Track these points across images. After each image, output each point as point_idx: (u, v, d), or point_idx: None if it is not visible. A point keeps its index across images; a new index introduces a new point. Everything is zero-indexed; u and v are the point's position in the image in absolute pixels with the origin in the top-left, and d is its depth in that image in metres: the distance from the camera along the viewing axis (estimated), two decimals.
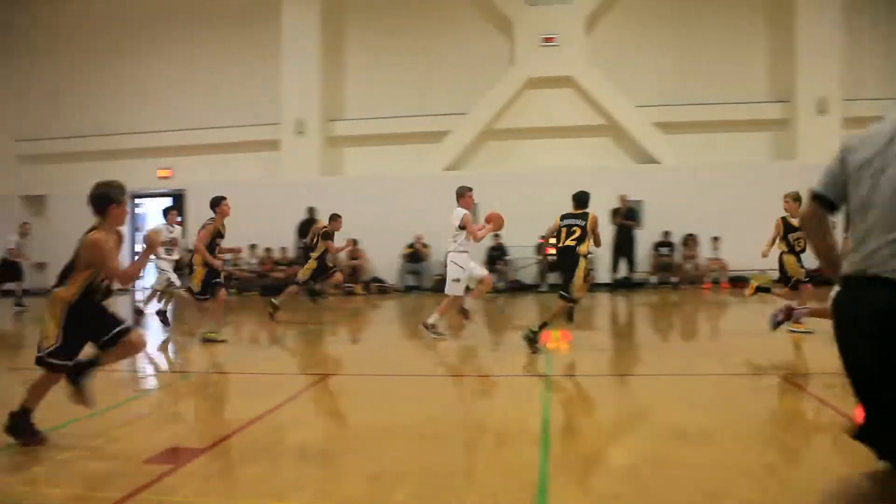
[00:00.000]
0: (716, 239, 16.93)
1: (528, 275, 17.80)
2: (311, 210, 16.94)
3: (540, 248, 17.41)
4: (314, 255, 12.26)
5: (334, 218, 12.56)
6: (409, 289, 17.80)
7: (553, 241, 9.26)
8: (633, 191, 16.74)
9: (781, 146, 18.16)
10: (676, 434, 5.20)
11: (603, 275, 16.81)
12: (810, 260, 12.06)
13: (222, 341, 9.76)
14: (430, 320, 9.55)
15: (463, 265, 9.55)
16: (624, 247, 16.69)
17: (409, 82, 19.04)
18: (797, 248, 9.85)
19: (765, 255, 10.21)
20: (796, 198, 9.74)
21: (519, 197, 17.25)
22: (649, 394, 6.70)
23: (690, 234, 17.15)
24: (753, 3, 18.45)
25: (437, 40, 19.08)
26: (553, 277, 17.06)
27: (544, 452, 4.70)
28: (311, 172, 18.90)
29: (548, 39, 18.23)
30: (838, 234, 3.80)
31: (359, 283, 17.44)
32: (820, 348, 9.06)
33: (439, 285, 12.45)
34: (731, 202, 16.67)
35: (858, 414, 3.22)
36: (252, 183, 18.81)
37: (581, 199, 9.27)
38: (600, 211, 15.95)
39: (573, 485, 4.17)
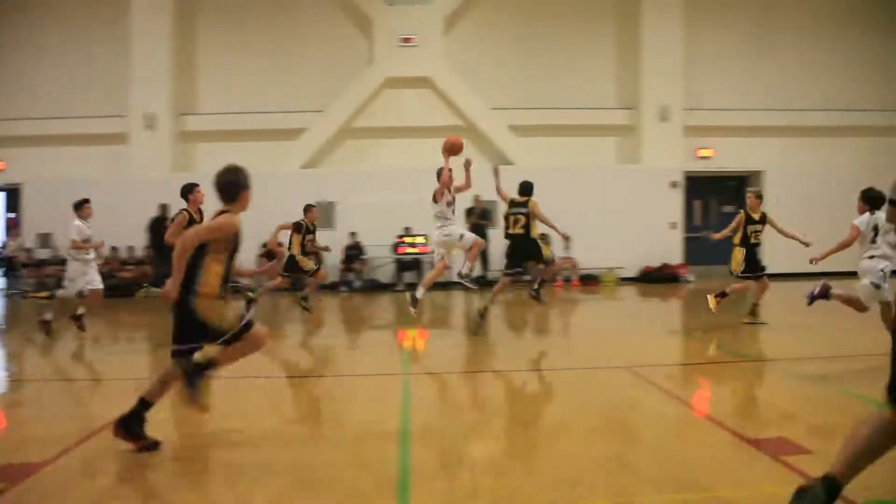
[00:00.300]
0: (567, 238, 17.52)
1: (385, 274, 17.81)
2: (162, 207, 16.17)
3: (395, 248, 17.48)
4: (294, 250, 11.77)
5: (308, 209, 12.00)
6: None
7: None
8: (489, 192, 17.06)
9: (627, 151, 19.10)
10: (532, 426, 5.36)
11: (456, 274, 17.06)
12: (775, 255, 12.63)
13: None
14: (418, 294, 9.55)
15: (451, 233, 9.67)
16: None
17: (266, 78, 18.60)
18: (752, 241, 10.61)
19: (719, 237, 10.96)
20: (759, 195, 10.76)
21: (376, 196, 17.25)
22: (505, 389, 6.85)
23: (543, 234, 17.68)
24: (604, 15, 19.29)
25: (295, 37, 18.75)
26: (409, 276, 17.18)
27: (404, 449, 4.71)
28: (161, 168, 18.06)
29: (406, 39, 18.33)
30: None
31: None
32: (661, 342, 9.61)
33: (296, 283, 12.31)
34: (581, 203, 17.36)
35: None
36: (97, 178, 17.76)
37: (524, 188, 10.33)
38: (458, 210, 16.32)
39: (434, 480, 4.20)
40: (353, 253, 17.20)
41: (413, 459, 4.53)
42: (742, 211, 10.71)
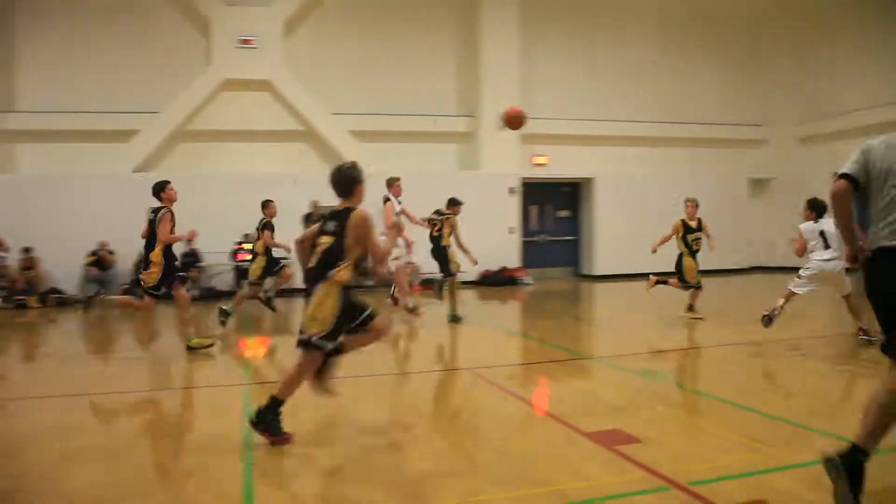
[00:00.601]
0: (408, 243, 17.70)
1: (223, 282, 17.25)
2: None
3: (234, 254, 16.98)
4: (258, 249, 11.09)
5: (266, 204, 11.41)
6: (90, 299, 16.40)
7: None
8: (331, 197, 16.95)
9: (467, 157, 19.55)
10: (377, 432, 5.37)
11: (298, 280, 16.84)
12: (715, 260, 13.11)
13: (209, 346, 8.82)
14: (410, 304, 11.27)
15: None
16: None
17: (96, 76, 17.50)
18: (694, 248, 10.96)
19: (653, 251, 11.13)
20: (697, 204, 11.12)
21: (213, 201, 16.65)
22: (348, 394, 6.82)
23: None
24: (445, 24, 19.63)
25: (128, 33, 17.74)
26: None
27: (248, 461, 4.60)
28: None
29: (245, 41, 17.86)
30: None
31: (34, 294, 15.65)
32: (501, 343, 9.91)
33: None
34: (422, 209, 17.57)
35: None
36: None
37: (451, 202, 11.97)
38: (295, 216, 16.08)
39: (278, 490, 4.13)
40: (190, 260, 16.52)
41: (256, 470, 4.44)
42: (679, 221, 11.15)
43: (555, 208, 20.58)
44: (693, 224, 11.11)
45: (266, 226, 11.15)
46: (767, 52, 22.50)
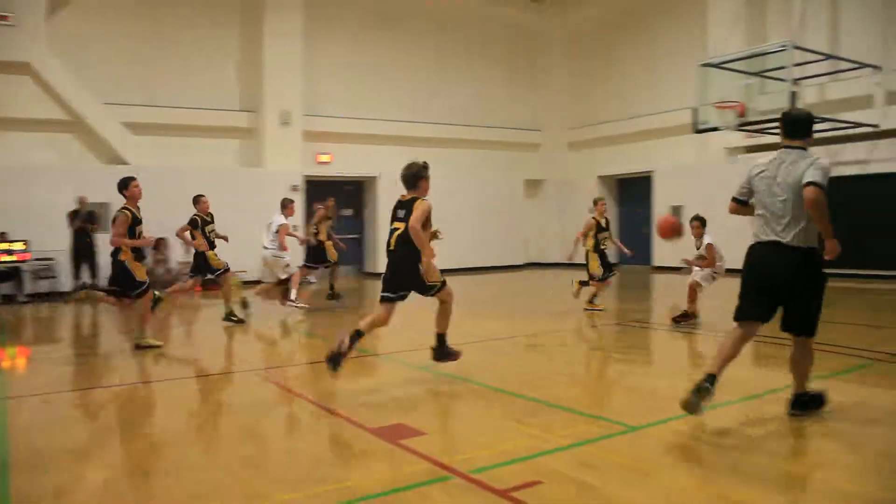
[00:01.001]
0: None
1: None
2: None
3: None
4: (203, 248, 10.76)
5: (197, 200, 11.18)
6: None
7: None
8: (100, 192, 15.78)
9: (250, 154, 19.04)
10: (157, 441, 5.10)
11: (64, 282, 15.58)
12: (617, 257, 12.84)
13: (157, 346, 8.45)
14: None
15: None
16: (84, 251, 15.48)
17: None
18: (601, 246, 11.33)
19: (575, 244, 11.61)
20: (605, 203, 11.84)
21: None
22: (123, 404, 6.42)
23: (161, 238, 16.86)
24: (228, 18, 18.94)
25: None
26: (6, 287, 15.22)
27: (3, 484, 4.19)
28: None
29: (1, 17, 16.09)
30: None
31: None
32: (285, 343, 9.77)
33: None
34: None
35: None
36: None
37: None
38: (62, 212, 14.86)
39: None
40: None
41: (16, 491, 4.05)
42: (592, 219, 11.55)
43: (338, 207, 20.55)
44: (603, 222, 11.64)
45: (190, 221, 10.98)
46: (544, 61, 23.96)
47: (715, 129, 15.47)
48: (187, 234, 10.95)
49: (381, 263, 11.50)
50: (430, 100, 21.30)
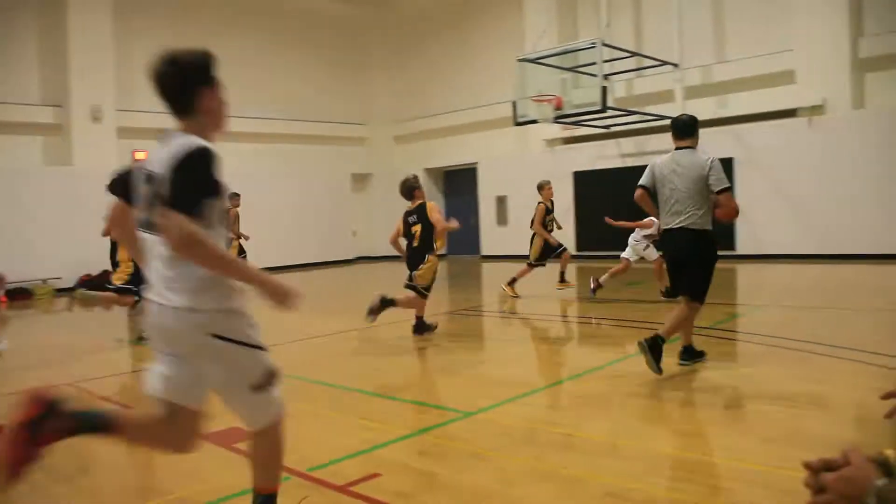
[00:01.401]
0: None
1: None
2: None
3: None
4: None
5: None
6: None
7: None
8: None
9: (56, 151, 17.72)
10: None
11: None
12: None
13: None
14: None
15: None
16: None
17: None
18: (549, 229, 11.80)
19: (535, 231, 11.88)
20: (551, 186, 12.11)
21: None
22: None
23: None
24: (25, 5, 17.46)
25: None
26: None
27: None
28: None
29: None
30: None
31: None
32: (109, 353, 9.25)
33: None
34: (2, 210, 15.68)
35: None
36: None
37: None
38: None
39: None
40: None
41: None
42: (541, 204, 11.79)
43: None
44: (549, 205, 11.91)
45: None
46: (369, 56, 23.98)
47: (534, 122, 16.10)
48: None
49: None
50: (253, 94, 20.71)
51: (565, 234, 18.70)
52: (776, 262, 15.24)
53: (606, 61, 15.46)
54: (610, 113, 15.69)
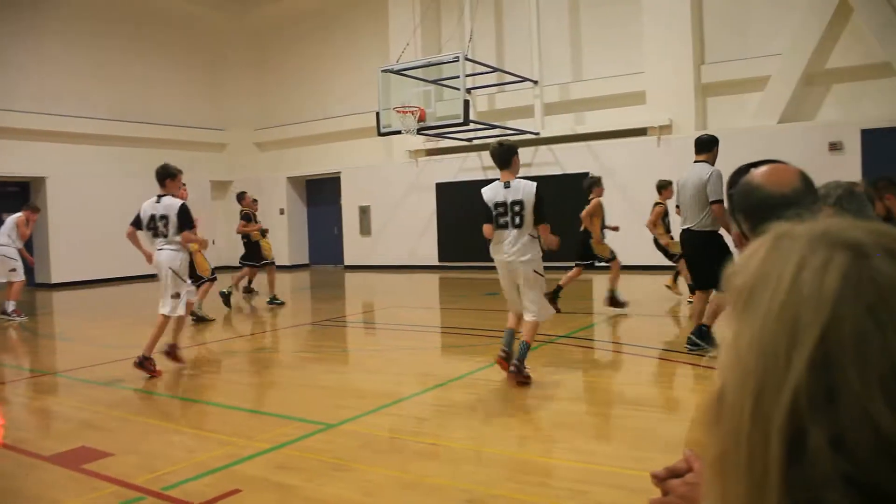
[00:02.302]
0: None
1: None
2: None
3: None
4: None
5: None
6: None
7: None
8: None
9: None
10: None
11: None
12: None
13: None
14: None
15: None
16: None
17: None
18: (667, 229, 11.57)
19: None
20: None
21: None
22: None
23: None
24: None
25: None
26: None
27: None
28: None
29: None
30: None
31: None
32: None
33: None
34: None
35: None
36: None
37: None
38: None
39: None
40: None
41: None
42: (659, 203, 11.51)
43: (0, 210, 18.30)
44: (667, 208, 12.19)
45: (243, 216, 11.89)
46: (229, 60, 23.36)
47: (397, 133, 16.19)
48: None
49: (57, 272, 10.49)
50: (105, 96, 19.70)
51: (430, 246, 18.94)
52: (627, 273, 16.00)
53: (469, 75, 15.78)
54: (472, 126, 16.00)
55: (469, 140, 17.77)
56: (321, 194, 22.60)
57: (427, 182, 18.99)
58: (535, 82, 17.17)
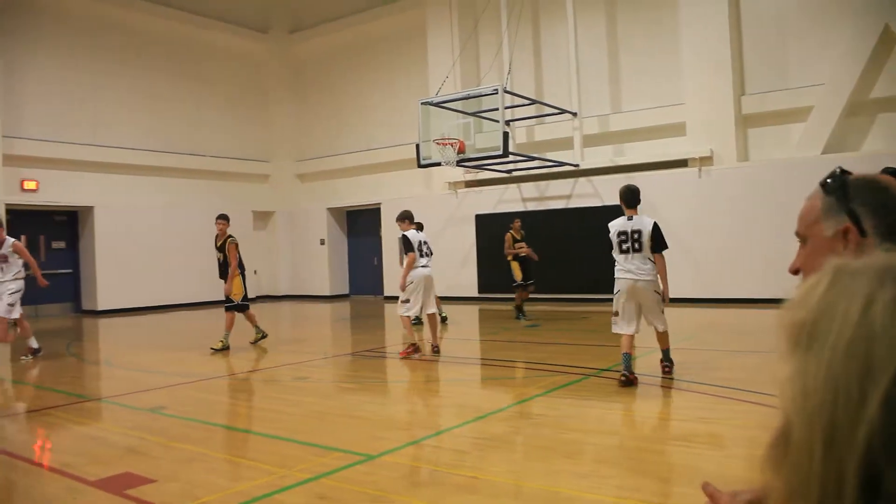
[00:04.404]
0: None
1: None
2: None
3: None
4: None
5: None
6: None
7: None
8: None
9: None
10: None
11: None
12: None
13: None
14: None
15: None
16: None
17: None
18: (520, 256, 13.23)
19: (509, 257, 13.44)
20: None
21: None
22: None
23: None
24: None
25: None
26: None
27: None
28: None
29: None
30: None
31: None
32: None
33: None
34: None
35: None
36: None
37: None
38: None
39: None
40: None
41: None
42: (509, 233, 13.63)
43: (49, 239, 18.77)
44: (518, 236, 13.62)
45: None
46: (272, 93, 23.83)
47: (437, 165, 16.30)
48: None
49: (103, 299, 10.69)
50: (152, 127, 20.19)
51: (470, 277, 18.95)
52: (669, 306, 15.79)
53: (508, 108, 15.86)
54: (511, 158, 16.04)
55: (508, 172, 17.81)
56: (361, 225, 22.78)
57: (467, 213, 19.05)
58: (574, 114, 17.20)
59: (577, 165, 17.16)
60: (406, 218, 10.43)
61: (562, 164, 16.94)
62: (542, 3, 18.66)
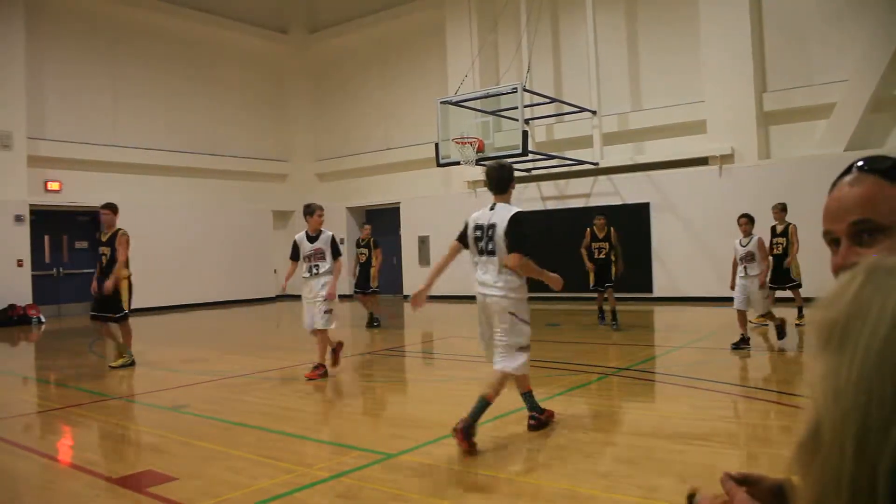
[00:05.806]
0: None
1: None
2: None
3: None
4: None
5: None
6: None
7: None
8: None
9: None
10: None
11: None
12: None
13: None
14: None
15: None
16: None
17: None
18: (597, 256, 12.29)
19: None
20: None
21: None
22: None
23: None
24: None
25: None
26: None
27: None
28: None
29: None
30: None
31: None
32: (15, 391, 8.83)
33: None
34: None
35: None
36: None
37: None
38: None
39: None
40: None
41: None
42: (589, 230, 12.46)
43: (72, 238, 18.96)
44: (601, 235, 12.42)
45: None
46: (291, 93, 23.93)
47: (456, 164, 16.30)
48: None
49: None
50: (172, 127, 20.37)
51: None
52: (691, 305, 15.71)
53: (527, 106, 15.84)
54: (531, 157, 16.01)
55: (528, 171, 17.76)
56: (381, 224, 22.81)
57: None
58: (594, 112, 17.12)
59: (596, 164, 17.08)
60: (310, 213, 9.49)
61: (581, 162, 16.88)
62: (562, 1, 18.60)
